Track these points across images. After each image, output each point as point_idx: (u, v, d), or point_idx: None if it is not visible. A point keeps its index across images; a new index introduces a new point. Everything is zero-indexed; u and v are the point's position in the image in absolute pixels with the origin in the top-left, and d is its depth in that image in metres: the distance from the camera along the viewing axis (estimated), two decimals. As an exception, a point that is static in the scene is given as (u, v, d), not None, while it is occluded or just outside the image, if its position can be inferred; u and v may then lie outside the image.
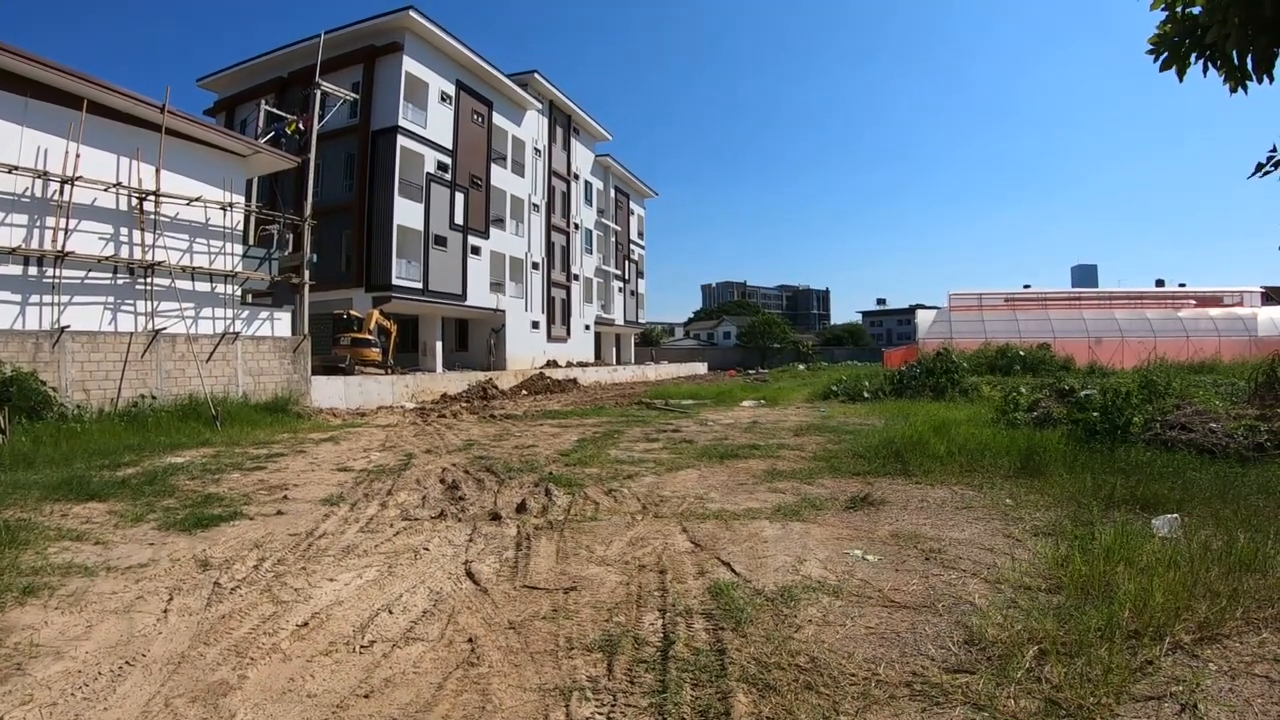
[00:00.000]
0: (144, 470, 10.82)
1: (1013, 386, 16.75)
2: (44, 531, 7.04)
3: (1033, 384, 19.73)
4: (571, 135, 55.75)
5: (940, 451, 10.04)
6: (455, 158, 39.71)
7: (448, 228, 39.22)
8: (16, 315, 16.82)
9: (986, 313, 43.47)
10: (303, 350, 23.23)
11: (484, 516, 7.81)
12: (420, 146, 36.94)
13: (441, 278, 38.45)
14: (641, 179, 70.39)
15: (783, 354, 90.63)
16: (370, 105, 35.88)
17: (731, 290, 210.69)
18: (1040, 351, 32.77)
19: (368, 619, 4.83)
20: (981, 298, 45.50)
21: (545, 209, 51.41)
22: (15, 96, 16.83)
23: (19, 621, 4.75)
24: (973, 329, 40.37)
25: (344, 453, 13.43)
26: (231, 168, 22.38)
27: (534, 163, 49.68)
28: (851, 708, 3.43)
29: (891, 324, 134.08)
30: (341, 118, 33.04)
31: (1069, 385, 16.41)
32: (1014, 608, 4.53)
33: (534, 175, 49.67)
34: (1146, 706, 3.36)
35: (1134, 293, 47.03)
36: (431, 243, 37.86)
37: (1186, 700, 3.38)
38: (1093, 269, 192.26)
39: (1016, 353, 32.10)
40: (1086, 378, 23.23)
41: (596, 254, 61.99)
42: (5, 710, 3.57)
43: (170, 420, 16.85)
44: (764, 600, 4.92)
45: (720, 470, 10.52)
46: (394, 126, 35.46)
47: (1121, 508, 6.87)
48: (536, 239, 49.96)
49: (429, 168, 37.66)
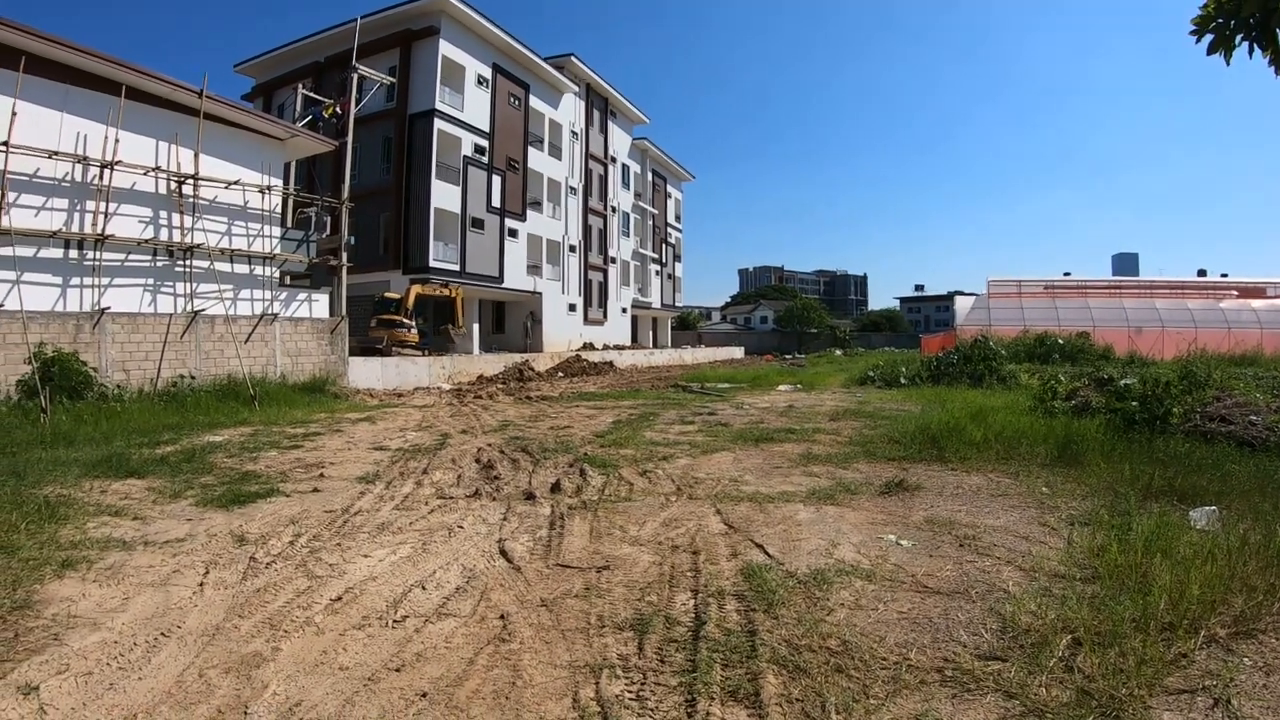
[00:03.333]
0: (182, 448, 10.99)
1: (1051, 375, 16.48)
2: (83, 507, 7.17)
3: (1071, 372, 19.41)
4: (608, 118, 55.69)
5: (977, 438, 9.94)
6: (492, 141, 39.84)
7: (485, 210, 39.41)
8: (58, 297, 17.18)
9: (1025, 300, 42.88)
10: (340, 331, 23.49)
11: (518, 496, 7.85)
12: (457, 130, 37.11)
13: (478, 260, 38.65)
14: (679, 162, 70.17)
15: (819, 339, 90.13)
16: (407, 89, 36.09)
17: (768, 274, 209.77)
18: (1079, 340, 32.24)
19: (401, 594, 4.88)
20: (1021, 285, 44.89)
21: (582, 192, 51.50)
22: (55, 83, 17.11)
23: (57, 593, 4.85)
24: (1011, 316, 39.84)
25: (380, 432, 13.56)
26: (269, 151, 22.63)
27: (571, 146, 49.73)
28: (881, 692, 3.42)
29: (929, 310, 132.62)
30: (378, 102, 33.27)
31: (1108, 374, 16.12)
32: (1048, 596, 4.48)
33: (571, 158, 49.72)
34: (1179, 700, 3.31)
35: (1175, 282, 46.08)
36: (469, 225, 38.07)
37: (1220, 695, 3.33)
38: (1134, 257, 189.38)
39: (1055, 341, 31.62)
40: (1126, 367, 22.81)
41: (633, 237, 62.00)
42: (42, 679, 3.64)
43: (209, 400, 17.10)
44: (796, 583, 4.91)
45: (755, 453, 10.50)
46: (431, 110, 35.68)
47: (1159, 499, 6.75)
48: (573, 222, 50.06)
49: (466, 150, 37.83)
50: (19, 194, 16.52)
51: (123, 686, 3.61)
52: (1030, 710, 3.22)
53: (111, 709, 3.40)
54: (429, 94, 35.75)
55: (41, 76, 16.78)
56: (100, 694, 3.54)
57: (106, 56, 17.87)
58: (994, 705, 3.29)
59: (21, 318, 15.64)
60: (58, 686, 3.59)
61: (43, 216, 16.99)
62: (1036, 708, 3.23)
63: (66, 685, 3.61)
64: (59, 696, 3.50)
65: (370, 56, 32.15)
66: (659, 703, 3.40)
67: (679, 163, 70.30)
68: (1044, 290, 44.72)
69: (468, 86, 37.99)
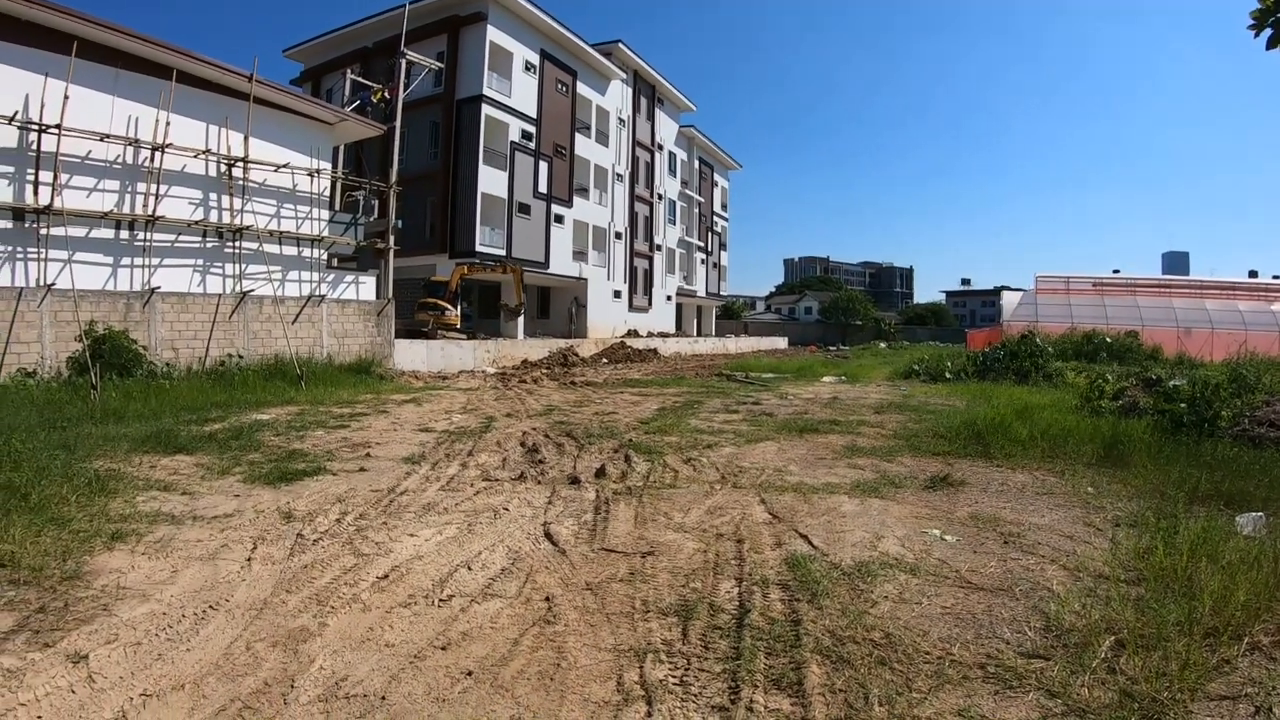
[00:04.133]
0: (230, 426, 11.20)
1: (1098, 373, 16.25)
2: (133, 481, 7.34)
3: (1119, 372, 19.11)
4: (656, 106, 55.45)
5: (1022, 435, 9.85)
6: (539, 127, 39.91)
7: (531, 196, 39.54)
8: (108, 277, 17.63)
9: (1073, 297, 42.08)
10: (386, 314, 23.76)
11: (563, 480, 7.94)
12: (505, 115, 37.22)
13: (525, 245, 38.81)
14: (726, 151, 69.73)
15: (864, 331, 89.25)
16: (455, 75, 36.21)
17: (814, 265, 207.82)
18: (1127, 339, 31.65)
19: (447, 574, 4.97)
20: (1069, 281, 44.03)
21: (629, 179, 51.40)
22: (106, 68, 17.48)
23: (107, 565, 4.98)
24: (1059, 313, 39.17)
25: (425, 414, 13.72)
26: (318, 135, 22.93)
27: (618, 132, 49.64)
28: (924, 686, 3.44)
29: (975, 305, 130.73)
30: (426, 87, 33.46)
31: (1156, 375, 15.89)
32: (1092, 596, 4.47)
33: (618, 145, 49.64)
34: (1221, 706, 3.29)
35: (1226, 283, 44.83)
36: (515, 210, 38.22)
37: (1262, 703, 3.31)
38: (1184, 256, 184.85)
39: (1103, 339, 31.08)
40: (1174, 368, 22.38)
41: (679, 225, 61.83)
42: (91, 648, 3.74)
43: (256, 379, 17.37)
44: (840, 574, 4.94)
45: (799, 444, 10.51)
46: (478, 95, 35.80)
47: (1205, 503, 6.66)
48: (620, 209, 50.03)
49: (513, 136, 37.95)
50: (71, 176, 16.94)
51: (171, 657, 3.71)
52: (1072, 710, 3.23)
53: (159, 678, 3.49)
54: (477, 80, 35.87)
55: (93, 61, 17.16)
56: (148, 664, 3.64)
57: (157, 41, 18.23)
58: (1036, 704, 3.30)
59: (73, 296, 16.06)
60: (106, 655, 3.69)
61: (94, 198, 17.41)
62: (1078, 708, 3.24)
63: (115, 654, 3.71)
64: (107, 665, 3.60)
65: (419, 42, 32.36)
66: (702, 688, 3.45)
67: (726, 151, 69.89)
68: (1092, 288, 43.81)
69: (515, 72, 38.06)
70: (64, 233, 16.50)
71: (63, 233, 16.49)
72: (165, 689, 3.40)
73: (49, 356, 15.63)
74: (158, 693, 3.37)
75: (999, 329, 38.51)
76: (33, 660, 3.61)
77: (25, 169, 16.19)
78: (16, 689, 3.34)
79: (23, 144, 16.19)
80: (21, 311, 15.40)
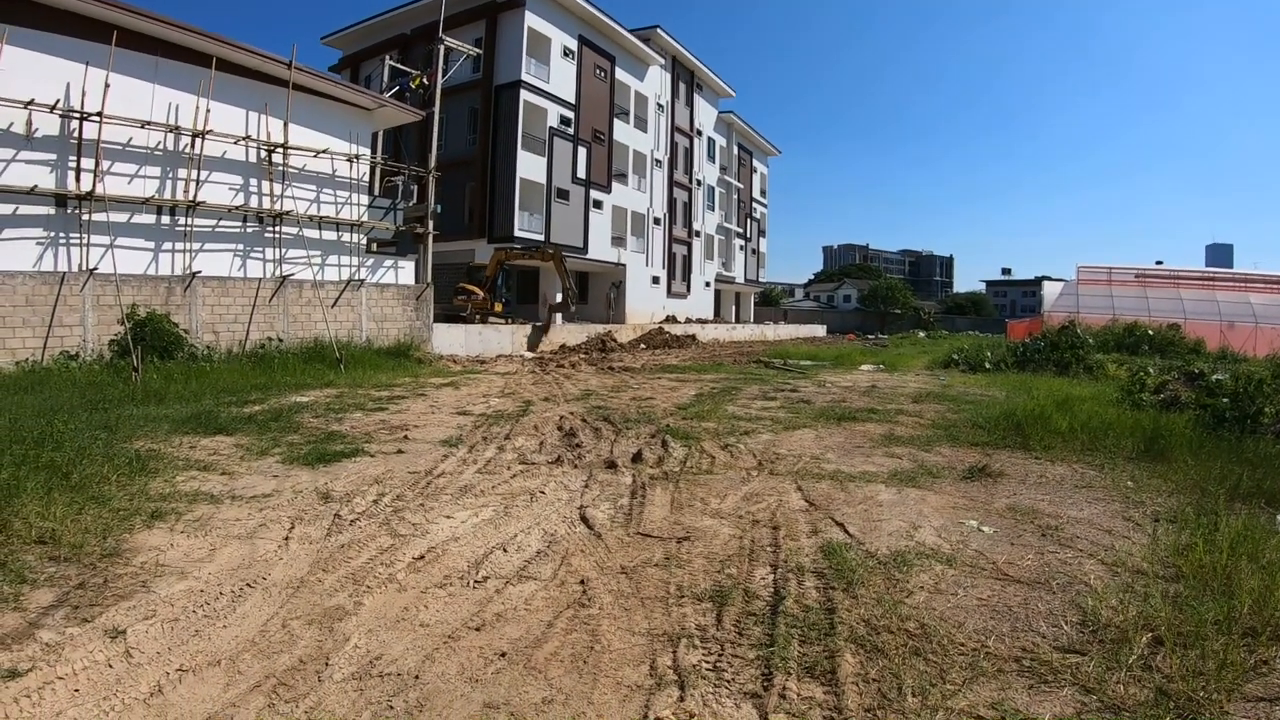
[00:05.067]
0: (269, 408, 11.38)
1: (1140, 366, 16.03)
2: (173, 461, 7.49)
3: (1160, 365, 18.79)
4: (694, 91, 55.20)
5: (1062, 427, 9.73)
6: (578, 112, 39.92)
7: (570, 181, 39.59)
8: (150, 261, 17.99)
9: (1115, 288, 41.33)
10: (425, 298, 23.94)
11: (600, 464, 7.97)
12: (543, 101, 37.27)
13: (563, 230, 38.89)
14: (765, 137, 69.24)
15: (903, 320, 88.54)
16: (493, 60, 36.25)
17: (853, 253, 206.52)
18: (1169, 332, 30.99)
19: (482, 556, 5.03)
20: (1111, 272, 43.26)
21: (667, 165, 51.25)
22: (146, 56, 17.79)
23: (146, 543, 5.09)
24: (1100, 304, 38.52)
25: (463, 398, 13.82)
26: (357, 121, 23.17)
27: (656, 118, 49.48)
28: (958, 678, 3.44)
29: (1016, 295, 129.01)
30: (464, 73, 33.52)
31: (1198, 369, 15.61)
32: (1130, 592, 4.42)
33: (656, 131, 49.50)
34: (1258, 707, 3.24)
35: (1271, 276, 43.64)
36: (554, 196, 38.32)
37: (1300, 703, 3.27)
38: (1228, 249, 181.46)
39: (1145, 332, 30.46)
40: (1217, 362, 21.96)
41: (718, 211, 61.59)
42: (129, 624, 3.84)
43: (295, 362, 17.59)
44: (876, 563, 4.94)
45: (837, 432, 10.48)
46: (517, 81, 35.85)
47: (1247, 500, 6.54)
48: (658, 194, 49.94)
49: (552, 122, 38.00)
50: (113, 162, 17.25)
51: (208, 634, 3.80)
52: (1107, 706, 3.22)
53: (196, 655, 3.58)
54: (515, 65, 35.91)
55: (133, 49, 17.46)
56: (185, 640, 3.73)
57: (196, 29, 18.46)
58: (1071, 699, 3.29)
59: (115, 280, 16.37)
60: (144, 631, 3.78)
61: (136, 184, 17.76)
62: (1113, 704, 3.22)
63: (153, 630, 3.80)
64: (145, 641, 3.69)
65: (456, 28, 32.39)
66: (735, 674, 3.47)
67: (765, 137, 69.34)
68: (1135, 279, 43.01)
69: (553, 58, 38.06)
70: (106, 218, 16.80)
71: (104, 218, 16.78)
72: (201, 665, 3.49)
73: (91, 340, 15.94)
74: (194, 668, 3.45)
75: (1039, 319, 37.98)
76: (71, 635, 3.70)
77: (68, 156, 16.50)
78: (55, 663, 3.43)
79: (64, 132, 16.49)
80: (64, 296, 15.68)
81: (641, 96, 47.43)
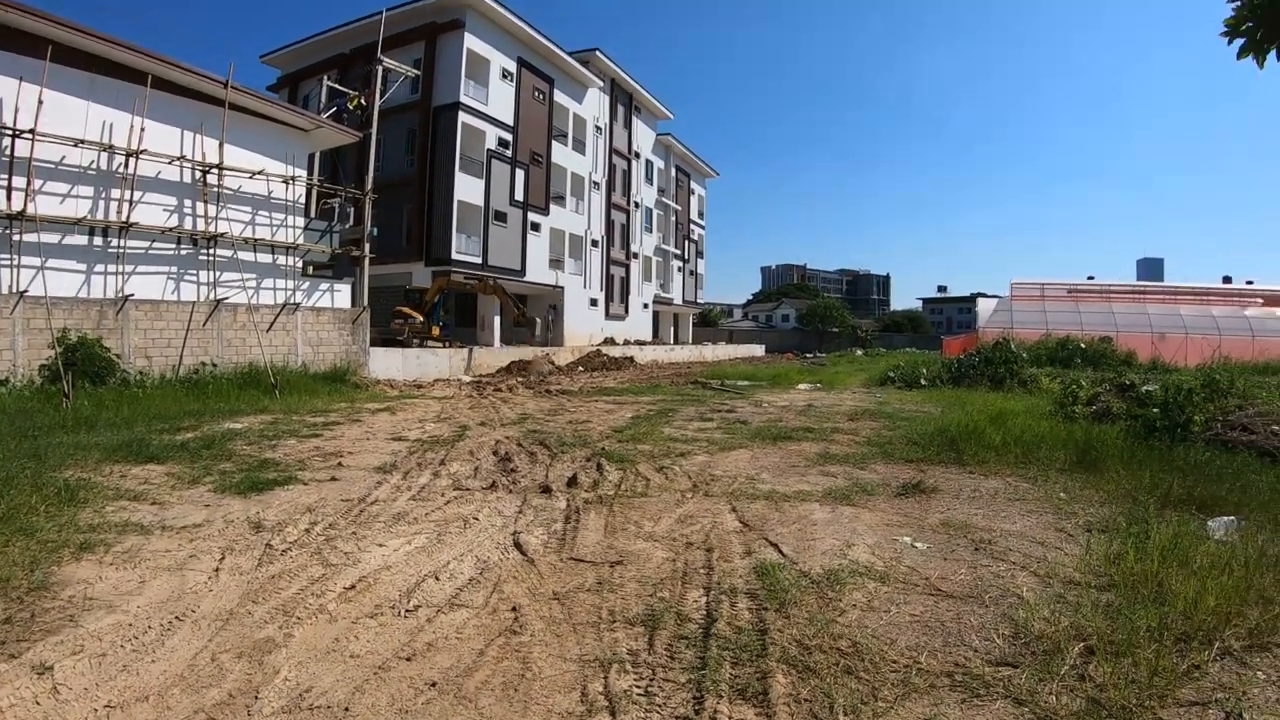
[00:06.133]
0: (202, 435, 11.13)
1: (1072, 379, 16.35)
2: (102, 491, 7.27)
3: (1093, 377, 19.21)
4: (633, 113, 55.61)
5: (996, 442, 9.86)
6: (516, 134, 39.91)
7: (508, 204, 39.49)
8: (82, 284, 17.44)
9: (1048, 303, 42.44)
10: (362, 322, 23.61)
11: (535, 489, 7.88)
12: (481, 123, 37.19)
13: (501, 253, 38.76)
14: (702, 158, 69.96)
15: (841, 338, 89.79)
16: (432, 82, 36.14)
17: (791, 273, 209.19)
18: (1102, 345, 31.89)
19: (414, 584, 4.93)
20: (1044, 288, 44.44)
21: (605, 187, 51.45)
22: (81, 72, 17.38)
23: (74, 575, 4.92)
24: (1034, 319, 39.46)
25: (399, 423, 13.64)
26: (294, 142, 22.85)
27: (595, 140, 49.69)
28: (890, 695, 3.41)
29: (952, 311, 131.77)
30: (403, 94, 33.32)
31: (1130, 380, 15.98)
32: (1062, 603, 4.45)
33: (595, 153, 49.71)
34: (1191, 712, 3.27)
35: (1200, 289, 45.36)
36: (492, 218, 38.18)
37: (1232, 708, 3.29)
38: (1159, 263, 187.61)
39: (1077, 345, 31.28)
40: (1148, 373, 22.56)
41: (656, 233, 61.96)
42: (57, 659, 3.70)
43: (230, 387, 17.29)
44: (809, 582, 4.91)
45: (773, 451, 10.48)
46: (455, 103, 35.76)
47: (1178, 507, 6.66)
48: (596, 217, 50.07)
49: (490, 144, 37.93)
50: (45, 181, 16.78)
51: (136, 668, 3.67)
52: (1040, 718, 3.20)
53: (124, 690, 3.46)
54: (453, 87, 35.82)
55: (68, 65, 17.03)
56: (113, 675, 3.60)
57: (132, 46, 18.11)
58: (1003, 711, 3.27)
59: (46, 303, 15.86)
60: (72, 667, 3.64)
61: (68, 203, 17.27)
62: (1046, 715, 3.21)
63: (80, 666, 3.67)
64: (73, 677, 3.55)
65: (396, 49, 32.25)
66: (667, 699, 3.41)
67: (703, 159, 70.07)
68: (1067, 294, 44.25)
69: (492, 80, 38.04)
70: (37, 239, 16.30)
71: (36, 239, 16.28)
72: (130, 700, 3.38)
73: (21, 364, 15.43)
74: (122, 704, 3.35)
75: (974, 335, 38.75)
76: (-2, 672, 3.56)
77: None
78: (-22, 701, 3.28)
79: (-5, 149, 16.00)
80: (-6, 318, 15.17)
81: (580, 119, 47.60)
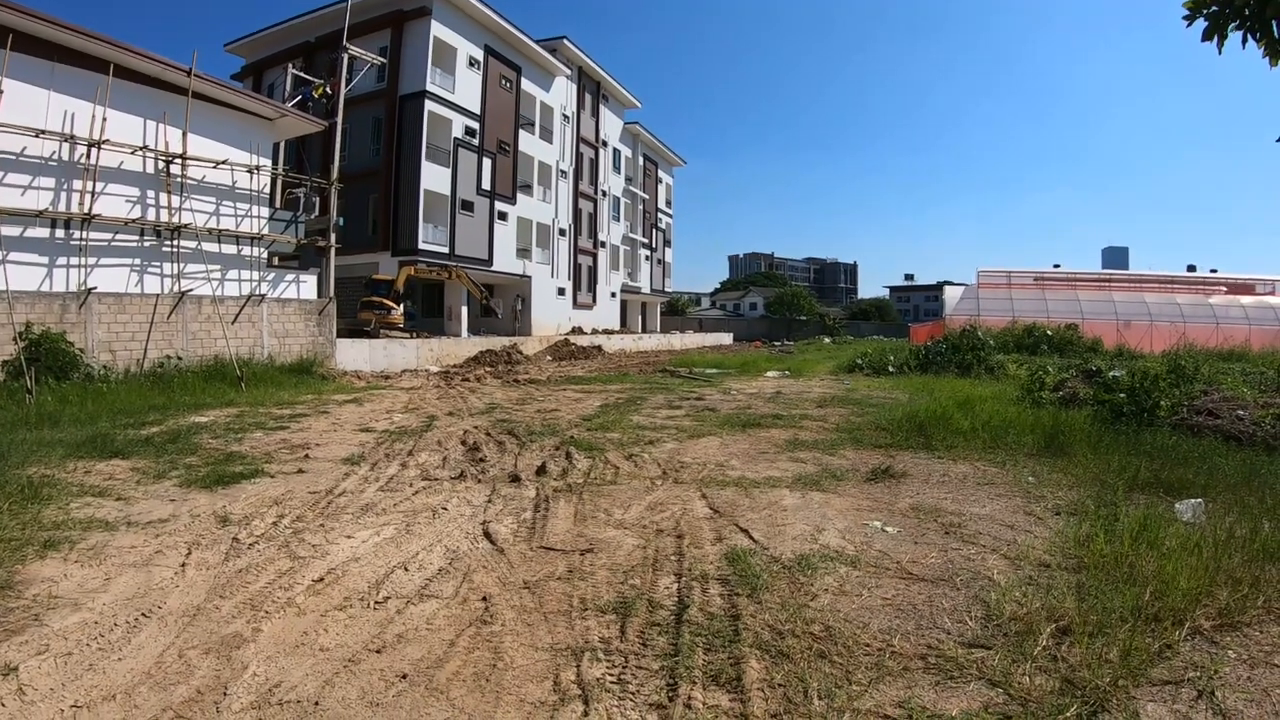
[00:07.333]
0: (168, 429, 10.93)
1: (1039, 365, 16.56)
2: (66, 488, 7.14)
3: (1059, 364, 19.49)
4: (600, 102, 55.38)
5: (964, 427, 9.95)
6: (483, 123, 39.59)
7: (475, 193, 39.19)
8: (44, 277, 17.07)
9: (1015, 291, 42.87)
10: (328, 313, 23.35)
11: (504, 478, 7.84)
12: (448, 111, 36.86)
13: (468, 243, 38.49)
14: (670, 147, 69.86)
15: (809, 327, 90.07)
16: (398, 70, 35.79)
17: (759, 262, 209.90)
18: (1068, 332, 32.30)
19: (383, 576, 4.87)
20: (1010, 276, 44.90)
21: (573, 176, 51.21)
22: (42, 61, 16.97)
23: (39, 574, 4.83)
24: (1000, 307, 39.84)
25: (367, 414, 13.51)
26: (258, 131, 22.50)
27: (562, 129, 49.43)
28: (864, 678, 3.41)
29: (919, 300, 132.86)
30: (369, 82, 32.97)
31: (1096, 366, 16.19)
32: (1033, 585, 4.48)
33: (562, 142, 49.45)
34: (1163, 691, 3.30)
35: (1164, 277, 46.05)
36: (458, 208, 37.89)
37: (1204, 687, 3.32)
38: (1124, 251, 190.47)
39: (1044, 332, 31.66)
40: (1114, 359, 22.93)
41: (624, 222, 61.78)
42: (22, 659, 3.63)
43: (195, 381, 17.02)
44: (780, 568, 4.91)
45: (742, 439, 10.50)
46: (421, 91, 35.40)
47: (1145, 491, 6.77)
48: (564, 205, 49.84)
49: (457, 133, 37.60)
50: (5, 173, 16.42)
51: (102, 667, 3.61)
52: (1013, 699, 3.21)
53: (91, 689, 3.40)
54: (420, 75, 35.45)
55: (28, 54, 16.62)
56: (80, 674, 3.54)
57: (94, 34, 17.68)
58: (977, 693, 3.27)
59: (7, 298, 15.49)
60: (37, 667, 3.58)
61: (29, 195, 16.86)
62: (1020, 696, 3.22)
63: (46, 665, 3.60)
64: (38, 677, 3.49)
65: (362, 37, 31.79)
66: (640, 686, 3.39)
67: (670, 148, 69.97)
68: (1033, 282, 44.76)
69: (459, 68, 37.70)
70: (-2, 232, 15.92)
71: (-3, 232, 15.90)
72: (96, 699, 3.33)
73: (-16, 361, 15.06)
74: (88, 703, 3.30)
75: (942, 323, 39.03)
76: (-38, 674, 3.48)
77: (-43, 167, 15.60)
78: (-58, 704, 3.20)
79: (-46, 141, 15.60)
80: (-45, 315, 14.80)
81: (547, 107, 47.31)
